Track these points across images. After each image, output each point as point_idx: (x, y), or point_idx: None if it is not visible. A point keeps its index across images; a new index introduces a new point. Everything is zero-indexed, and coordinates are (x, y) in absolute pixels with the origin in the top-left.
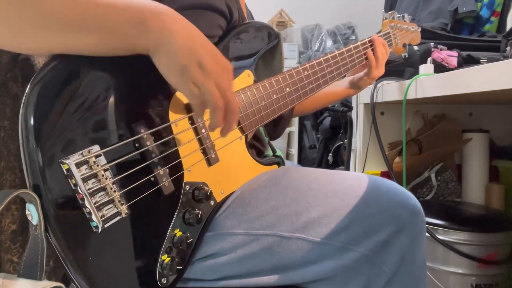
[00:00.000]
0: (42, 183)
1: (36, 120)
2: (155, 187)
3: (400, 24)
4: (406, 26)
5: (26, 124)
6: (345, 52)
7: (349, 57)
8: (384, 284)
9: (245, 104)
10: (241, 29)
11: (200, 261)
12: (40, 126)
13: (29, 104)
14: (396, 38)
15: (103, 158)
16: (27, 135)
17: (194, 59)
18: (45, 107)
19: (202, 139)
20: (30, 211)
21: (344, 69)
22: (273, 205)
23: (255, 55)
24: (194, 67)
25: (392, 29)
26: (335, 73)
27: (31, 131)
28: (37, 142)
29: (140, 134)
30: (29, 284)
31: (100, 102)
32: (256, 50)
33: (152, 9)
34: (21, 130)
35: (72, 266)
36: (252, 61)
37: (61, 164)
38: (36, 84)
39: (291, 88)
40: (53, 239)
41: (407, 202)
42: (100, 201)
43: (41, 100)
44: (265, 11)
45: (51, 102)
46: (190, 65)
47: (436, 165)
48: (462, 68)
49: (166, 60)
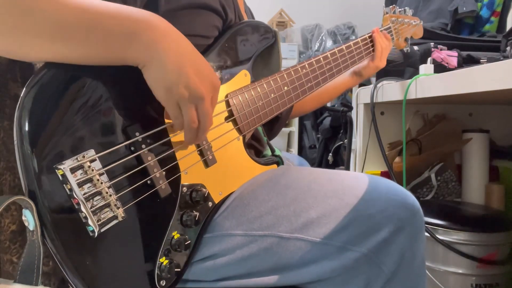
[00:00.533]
0: (37, 189)
1: (31, 126)
2: (151, 190)
3: (401, 18)
4: (408, 20)
5: (21, 129)
6: (344, 49)
7: (348, 53)
8: (384, 283)
9: (242, 104)
10: (237, 28)
11: (199, 262)
12: (35, 132)
13: (24, 109)
14: (398, 33)
15: (98, 162)
16: (21, 141)
17: (181, 79)
18: (40, 112)
19: None
20: (26, 217)
21: (343, 65)
22: (272, 206)
23: (252, 55)
24: (180, 87)
25: (393, 23)
26: (334, 71)
27: (26, 137)
28: (32, 148)
29: (135, 138)
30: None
31: (95, 106)
32: (253, 49)
33: (143, 20)
34: (16, 134)
35: (70, 271)
36: (249, 60)
37: (55, 169)
38: (32, 88)
39: (289, 87)
40: (50, 243)
41: (406, 201)
42: (96, 206)
43: (36, 104)
44: (265, 11)
45: (46, 107)
46: (176, 85)
47: (436, 165)
48: (462, 68)
49: (154, 76)
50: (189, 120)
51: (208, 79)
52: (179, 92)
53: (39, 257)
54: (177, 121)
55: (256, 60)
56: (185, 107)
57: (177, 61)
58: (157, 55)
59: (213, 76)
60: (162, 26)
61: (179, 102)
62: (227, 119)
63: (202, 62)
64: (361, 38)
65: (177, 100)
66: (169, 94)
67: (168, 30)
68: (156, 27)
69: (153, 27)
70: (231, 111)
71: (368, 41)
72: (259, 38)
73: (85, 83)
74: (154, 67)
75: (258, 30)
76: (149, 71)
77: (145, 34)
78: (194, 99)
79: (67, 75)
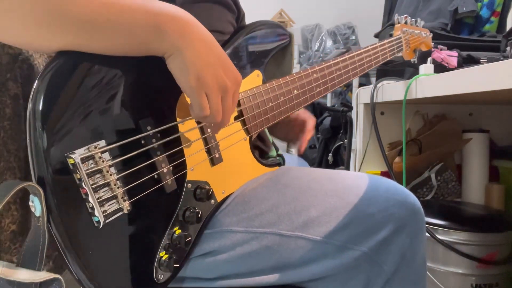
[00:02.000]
0: (47, 176)
1: (44, 114)
2: (158, 185)
3: (412, 29)
4: (418, 31)
5: (35, 116)
6: (355, 56)
7: (359, 61)
8: (384, 283)
9: (252, 105)
10: (253, 28)
11: (199, 258)
12: (49, 120)
13: (38, 97)
14: (408, 44)
15: (108, 154)
16: (35, 128)
17: (210, 69)
18: (54, 100)
19: (207, 138)
20: (33, 202)
21: (353, 73)
22: (272, 204)
23: (267, 55)
24: (209, 77)
25: (404, 34)
26: (344, 77)
27: (39, 124)
28: (44, 135)
29: (147, 132)
30: (28, 273)
31: (108, 97)
32: (267, 50)
33: (169, 13)
34: (29, 122)
35: (72, 258)
36: (263, 61)
37: (67, 158)
38: (46, 75)
39: (298, 91)
40: (55, 230)
41: (407, 200)
42: (103, 197)
43: (50, 92)
44: (265, 11)
45: (60, 95)
46: (206, 74)
47: (436, 165)
48: (462, 68)
49: (182, 65)
50: (216, 111)
51: (232, 72)
52: (207, 81)
53: (44, 243)
54: (202, 113)
55: (270, 61)
56: (213, 97)
57: (204, 51)
58: (185, 44)
59: (236, 70)
60: (187, 18)
61: (207, 92)
62: (237, 118)
63: (225, 55)
64: (372, 46)
65: (205, 90)
66: (196, 83)
67: (193, 22)
68: (180, 18)
69: (178, 18)
70: (241, 111)
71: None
72: (274, 39)
73: (99, 73)
74: (180, 56)
75: (274, 31)
76: (175, 60)
77: (171, 25)
78: (221, 90)
79: (82, 65)
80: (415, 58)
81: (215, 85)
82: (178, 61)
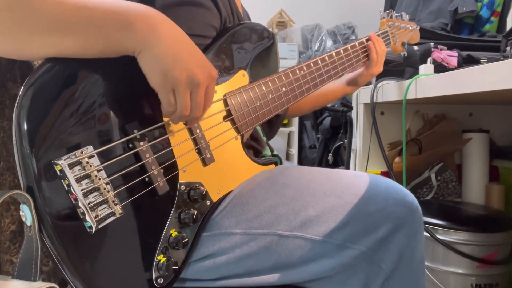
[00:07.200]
0: (35, 185)
1: (30, 124)
2: (149, 187)
3: (398, 23)
4: (405, 25)
5: (20, 128)
6: (342, 51)
7: (346, 56)
8: (383, 281)
9: (240, 104)
10: (236, 29)
11: (199, 261)
12: (34, 130)
13: (23, 108)
14: (395, 37)
15: (96, 158)
16: (20, 139)
17: (178, 64)
18: (38, 110)
19: (196, 139)
20: (24, 212)
21: (341, 68)
22: (271, 204)
23: (250, 56)
24: (177, 71)
25: (390, 28)
26: (332, 73)
27: (25, 136)
28: (31, 147)
29: (133, 134)
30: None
31: (94, 103)
32: (251, 50)
33: (139, 11)
34: (15, 133)
35: (68, 268)
36: (247, 61)
37: (54, 164)
38: (30, 87)
39: (287, 88)
40: (48, 240)
41: (405, 199)
42: (94, 202)
43: (34, 103)
44: (265, 11)
45: (44, 105)
46: (173, 69)
47: (436, 165)
48: (462, 68)
49: (149, 61)
50: (183, 106)
51: (205, 67)
52: (175, 76)
53: (37, 252)
54: (170, 109)
55: (254, 61)
56: (180, 92)
57: (173, 46)
58: (153, 39)
59: (210, 66)
60: (157, 16)
61: (174, 87)
62: (225, 118)
63: (199, 51)
64: (358, 42)
65: (172, 85)
66: (164, 79)
67: (164, 19)
68: (150, 16)
69: (148, 16)
70: (229, 110)
71: (365, 44)
72: (257, 39)
73: (83, 80)
74: (149, 52)
75: (255, 32)
76: (144, 56)
77: (140, 22)
78: (190, 84)
79: (65, 73)
80: (404, 51)
81: (183, 80)
82: (146, 57)
